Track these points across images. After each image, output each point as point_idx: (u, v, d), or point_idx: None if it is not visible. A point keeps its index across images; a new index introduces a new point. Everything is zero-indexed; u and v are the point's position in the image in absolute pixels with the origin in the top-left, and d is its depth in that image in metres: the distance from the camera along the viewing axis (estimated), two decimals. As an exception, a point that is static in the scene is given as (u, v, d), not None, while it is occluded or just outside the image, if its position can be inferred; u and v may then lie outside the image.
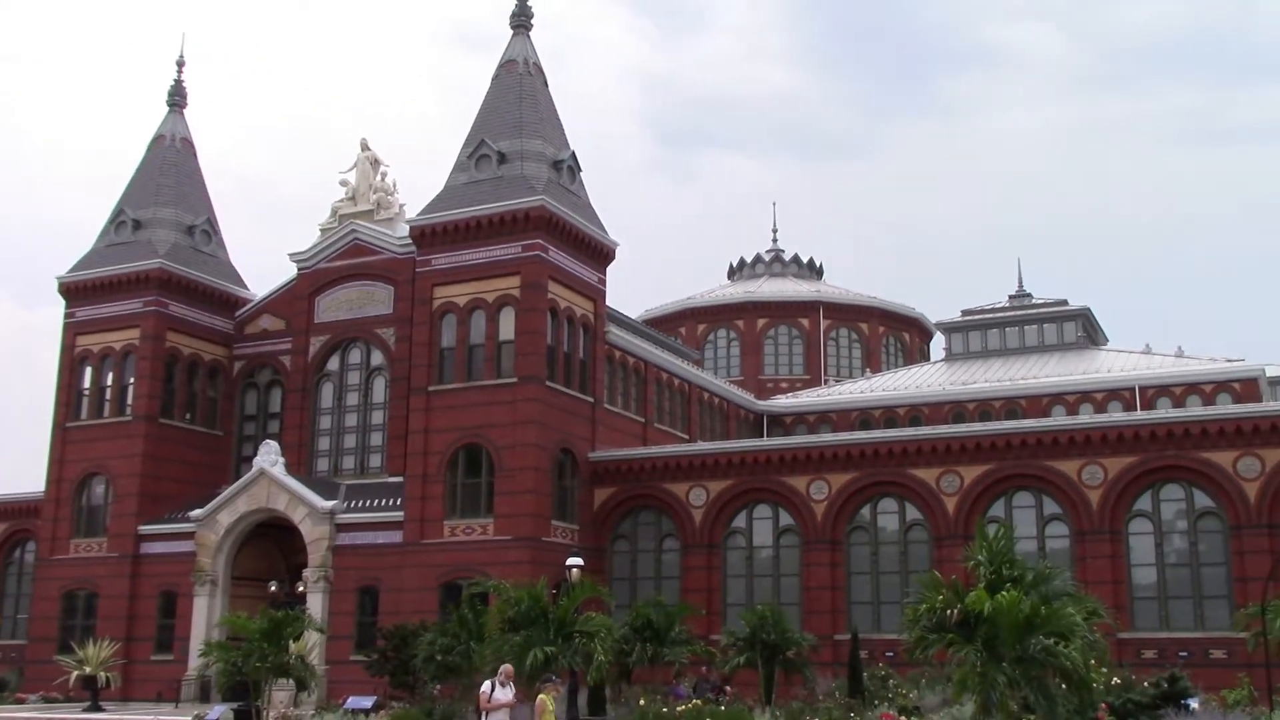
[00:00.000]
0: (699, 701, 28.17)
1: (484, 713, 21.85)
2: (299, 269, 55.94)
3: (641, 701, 32.07)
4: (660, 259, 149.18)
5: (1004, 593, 19.29)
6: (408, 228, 51.88)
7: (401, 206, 54.87)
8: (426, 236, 50.95)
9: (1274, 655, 33.54)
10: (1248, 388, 56.29)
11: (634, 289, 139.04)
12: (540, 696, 21.52)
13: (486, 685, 21.98)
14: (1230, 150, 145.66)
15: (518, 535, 46.30)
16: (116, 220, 58.56)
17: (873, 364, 75.88)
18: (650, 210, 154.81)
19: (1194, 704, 25.09)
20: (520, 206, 49.23)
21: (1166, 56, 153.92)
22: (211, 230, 60.17)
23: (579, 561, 36.36)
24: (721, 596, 49.61)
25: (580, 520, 50.46)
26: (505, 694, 21.85)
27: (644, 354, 56.44)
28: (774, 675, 36.08)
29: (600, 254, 53.36)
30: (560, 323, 50.13)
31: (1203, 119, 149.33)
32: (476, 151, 52.38)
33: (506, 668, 23.04)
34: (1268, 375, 59.60)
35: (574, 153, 53.86)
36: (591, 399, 51.69)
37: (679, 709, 29.10)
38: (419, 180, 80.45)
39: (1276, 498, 42.46)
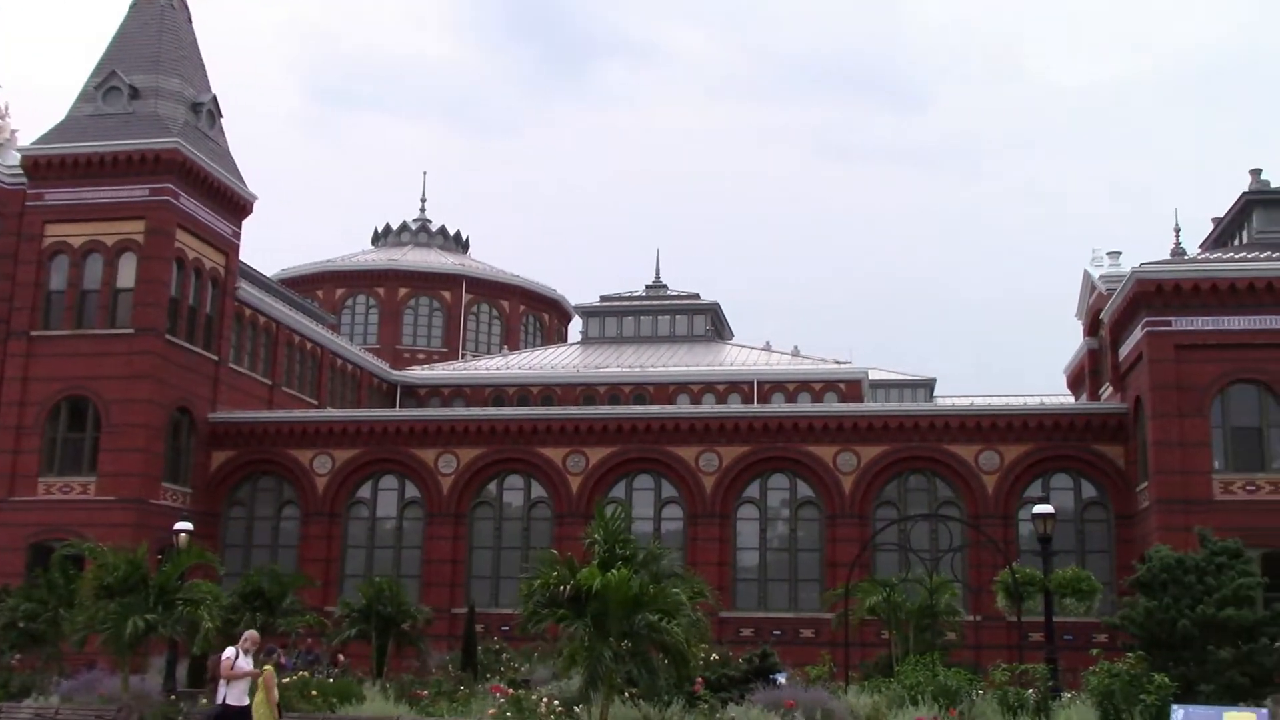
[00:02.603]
0: (305, 673, 27.29)
1: (222, 681, 20.01)
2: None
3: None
4: (305, 218, 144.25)
5: (615, 571, 19.85)
6: (18, 156, 47.37)
7: (14, 133, 49.92)
8: (40, 168, 46.79)
9: (854, 635, 36.52)
10: (852, 388, 60.83)
11: (273, 247, 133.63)
12: (267, 668, 20.20)
13: (230, 651, 20.16)
14: (861, 167, 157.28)
15: (122, 496, 43.49)
16: (106, 85, 49.08)
17: (511, 342, 76.45)
18: (297, 167, 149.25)
19: (781, 678, 26.81)
20: (151, 147, 46.20)
21: (812, 74, 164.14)
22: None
23: (188, 526, 34.76)
24: (340, 567, 48.65)
25: (194, 483, 48.04)
26: (248, 662, 20.16)
27: (276, 314, 54.27)
28: (387, 648, 35.62)
29: (237, 206, 50.82)
30: (187, 274, 47.39)
31: (839, 135, 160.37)
32: (106, 83, 48.71)
33: (252, 634, 21.24)
34: (870, 378, 64.67)
35: (215, 97, 51.04)
36: (215, 357, 49.21)
37: (283, 680, 28.11)
38: (49, 110, 73.52)
39: (868, 490, 46.24)
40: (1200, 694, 23.94)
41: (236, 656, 19.95)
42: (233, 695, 19.71)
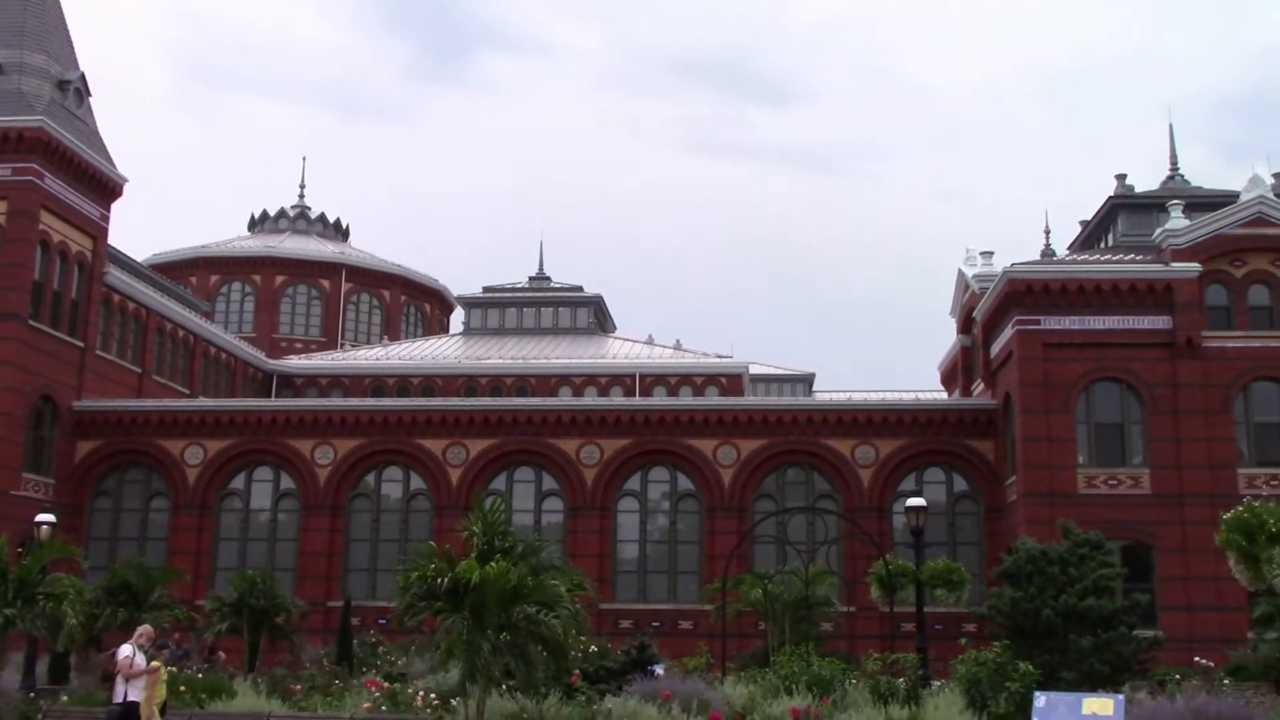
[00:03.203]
0: (174, 668, 26.53)
1: (120, 679, 19.16)
2: None
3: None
4: (179, 203, 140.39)
5: (494, 563, 19.71)
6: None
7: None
8: (-107, 143, 44.72)
9: (731, 626, 36.91)
10: (733, 383, 61.43)
11: (145, 231, 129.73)
12: (154, 663, 19.48)
13: (127, 649, 19.31)
14: (742, 163, 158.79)
15: (-20, 487, 41.80)
16: None
17: (392, 332, 75.45)
18: (171, 149, 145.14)
19: (659, 670, 26.90)
20: (14, 125, 44.57)
21: (691, 69, 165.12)
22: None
23: (50, 518, 33.66)
24: (212, 560, 47.56)
25: (58, 474, 46.48)
26: (143, 659, 19.40)
27: (147, 300, 52.68)
28: (259, 642, 34.91)
29: (105, 188, 49.22)
30: (52, 258, 45.77)
31: (720, 131, 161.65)
32: (-35, 57, 46.70)
33: (146, 629, 20.38)
34: (751, 373, 65.38)
35: (83, 74, 49.38)
36: (82, 344, 47.62)
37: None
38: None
39: (747, 483, 46.78)
40: (1062, 681, 24.68)
41: (134, 654, 19.40)
42: (134, 693, 19.22)
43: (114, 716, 19.27)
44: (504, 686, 21.91)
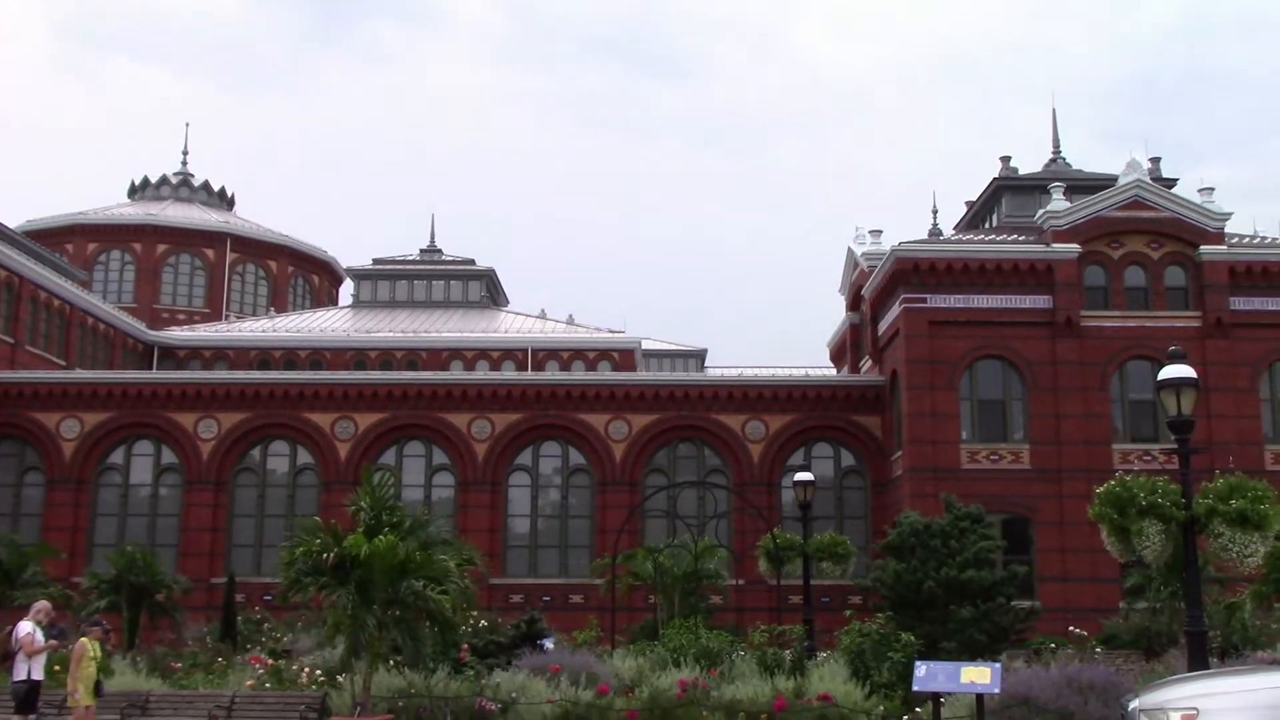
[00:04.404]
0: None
1: (20, 656, 18.31)
2: None
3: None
4: (55, 169, 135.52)
5: (380, 538, 19.49)
6: None
7: None
8: None
9: (622, 600, 37.09)
10: (625, 357, 61.49)
11: (19, 196, 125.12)
12: (82, 640, 18.78)
13: (26, 625, 18.48)
14: (635, 137, 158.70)
15: None
16: None
17: (279, 303, 73.91)
18: (45, 111, 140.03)
19: (549, 644, 26.93)
20: (-124, 81, 42.47)
21: (585, 42, 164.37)
22: None
23: (-85, 493, 32.20)
24: (89, 536, 46.31)
25: (-76, 448, 44.64)
26: (42, 636, 18.63)
27: (18, 268, 50.73)
28: (139, 619, 34.10)
29: (-25, 150, 47.28)
30: (-83, 222, 43.85)
31: (613, 105, 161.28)
32: None
33: (44, 605, 19.57)
34: (643, 348, 65.52)
35: (-48, 30, 47.28)
36: (-50, 312, 45.78)
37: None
38: None
39: (639, 458, 46.98)
40: (943, 651, 25.32)
41: (34, 630, 18.79)
42: (37, 670, 18.70)
43: (21, 694, 18.65)
44: (391, 662, 21.71)
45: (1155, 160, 50.14)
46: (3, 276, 49.78)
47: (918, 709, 19.57)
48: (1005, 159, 51.57)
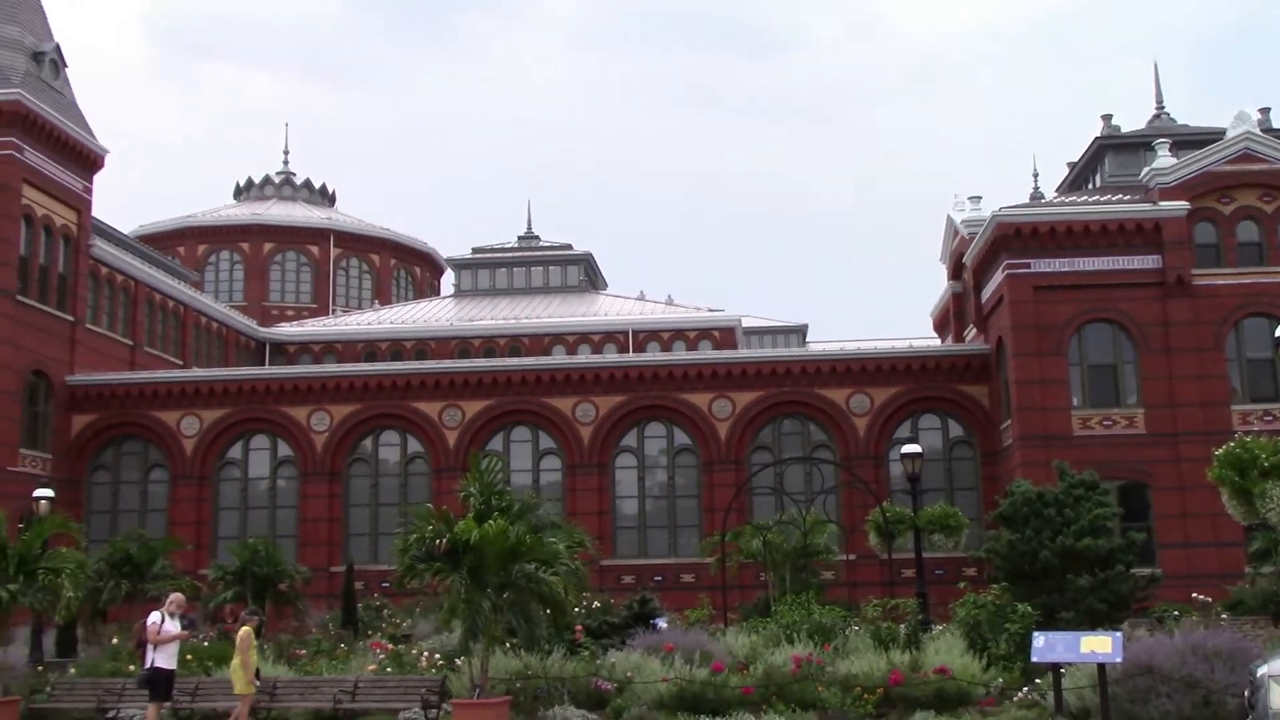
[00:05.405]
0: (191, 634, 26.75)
1: (150, 646, 19.38)
2: None
3: (115, 640, 30.04)
4: (162, 173, 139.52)
5: (491, 522, 19.76)
6: None
7: None
8: (-127, 122, 44.29)
9: (733, 578, 37.14)
10: (726, 336, 61.45)
11: (131, 203, 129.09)
12: (244, 629, 19.81)
13: (156, 616, 19.53)
14: (727, 116, 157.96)
15: (-23, 465, 41.80)
16: None
17: (382, 296, 75.26)
18: (152, 119, 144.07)
19: (662, 623, 27.08)
20: (-9, 98, 44.11)
21: (674, 24, 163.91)
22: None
23: (48, 493, 33.64)
24: (213, 530, 47.70)
25: (55, 449, 46.45)
26: (175, 626, 19.65)
27: (135, 272, 52.48)
28: (264, 609, 35.05)
29: (87, 160, 48.89)
30: (36, 232, 45.53)
31: (705, 84, 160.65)
32: (-59, 31, 46.17)
33: (178, 597, 20.64)
34: (744, 325, 65.36)
35: (58, 45, 48.90)
36: (71, 318, 47.47)
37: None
38: None
39: (743, 437, 46.90)
40: (1061, 621, 24.88)
41: (163, 620, 19.62)
42: (161, 659, 19.50)
43: (143, 681, 19.55)
44: (507, 645, 22.03)
45: (1265, 111, 48.51)
46: (120, 281, 51.49)
47: (1037, 680, 19.32)
48: (1107, 117, 50.30)
